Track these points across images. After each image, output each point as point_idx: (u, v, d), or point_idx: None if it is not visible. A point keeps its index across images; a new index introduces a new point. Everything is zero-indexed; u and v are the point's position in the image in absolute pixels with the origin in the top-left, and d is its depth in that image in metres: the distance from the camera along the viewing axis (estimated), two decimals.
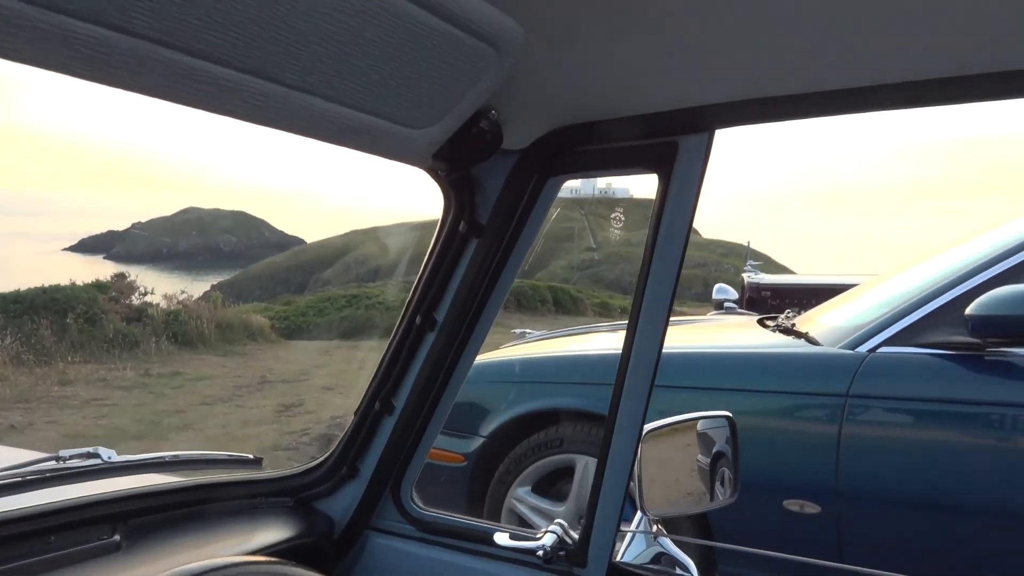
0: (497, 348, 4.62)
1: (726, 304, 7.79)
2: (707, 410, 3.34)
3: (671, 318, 1.15)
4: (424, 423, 1.30)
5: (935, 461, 2.75)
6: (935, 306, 2.89)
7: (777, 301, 8.54)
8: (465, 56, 0.92)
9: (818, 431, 2.85)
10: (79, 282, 10.14)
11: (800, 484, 2.88)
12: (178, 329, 10.35)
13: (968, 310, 2.69)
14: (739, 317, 4.60)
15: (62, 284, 9.79)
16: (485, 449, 3.40)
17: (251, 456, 1.40)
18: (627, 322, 1.18)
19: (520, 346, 4.28)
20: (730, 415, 1.23)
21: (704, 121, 1.11)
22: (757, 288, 8.56)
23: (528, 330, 4.88)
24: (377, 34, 0.81)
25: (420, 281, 1.27)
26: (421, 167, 1.09)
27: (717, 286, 8.12)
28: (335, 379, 8.70)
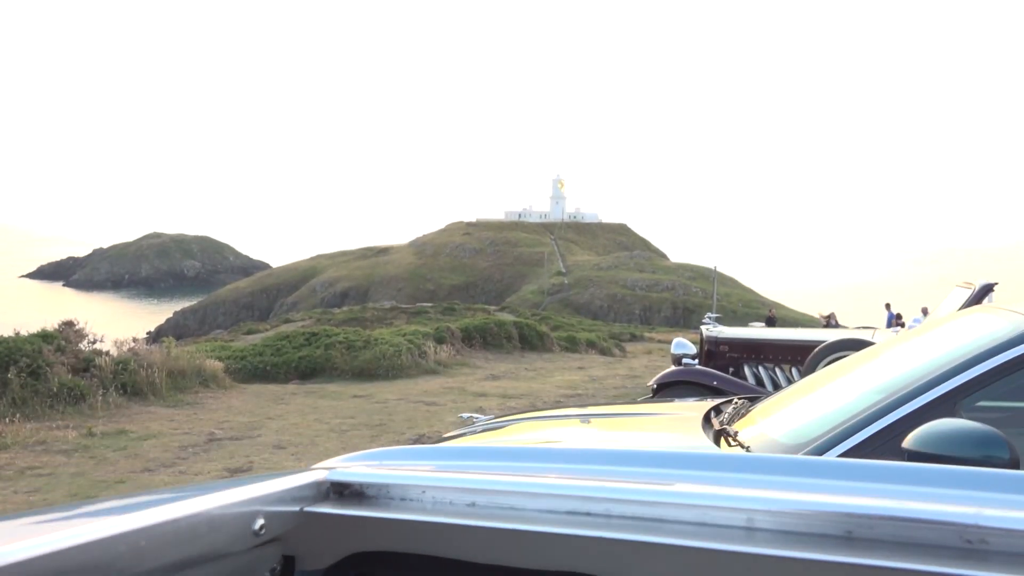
0: (440, 437, 4.48)
1: (684, 361, 7.77)
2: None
3: (614, 408, 1.03)
4: None
5: None
6: (874, 430, 2.83)
7: (736, 355, 8.54)
8: None
9: None
10: (23, 332, 9.80)
11: None
12: (127, 379, 10.04)
13: (904, 443, 2.62)
14: (685, 413, 4.52)
15: (4, 336, 9.45)
16: None
17: None
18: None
19: (464, 438, 4.14)
20: None
21: None
22: (715, 342, 8.54)
23: (476, 415, 4.74)
24: None
25: None
26: None
27: (675, 341, 8.09)
28: (287, 435, 8.48)
